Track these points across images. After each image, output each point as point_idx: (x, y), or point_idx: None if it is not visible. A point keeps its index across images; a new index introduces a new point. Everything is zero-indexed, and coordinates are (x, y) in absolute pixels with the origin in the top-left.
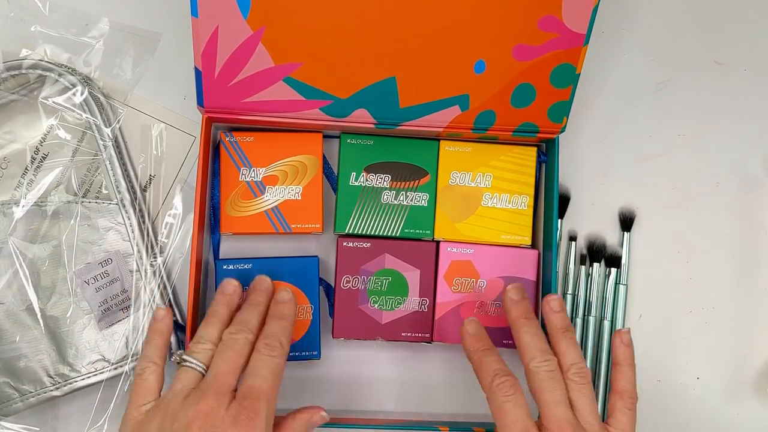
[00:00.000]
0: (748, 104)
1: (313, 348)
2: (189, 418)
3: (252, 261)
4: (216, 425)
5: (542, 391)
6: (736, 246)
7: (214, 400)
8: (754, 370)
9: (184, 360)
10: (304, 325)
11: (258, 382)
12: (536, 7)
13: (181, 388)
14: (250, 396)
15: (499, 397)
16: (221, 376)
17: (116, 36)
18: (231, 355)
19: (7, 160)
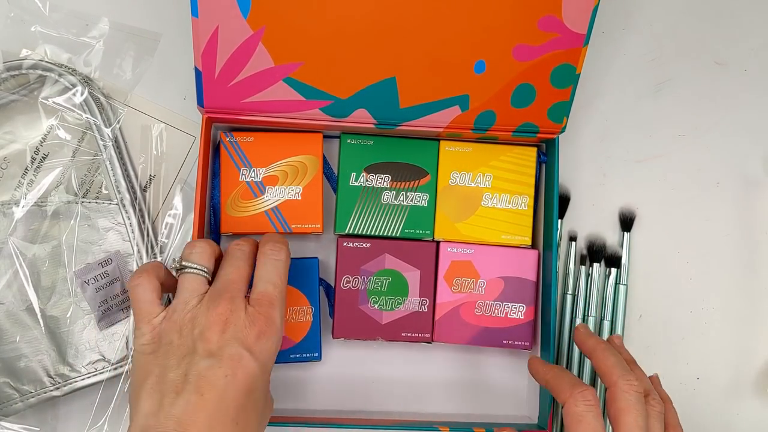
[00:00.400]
0: (748, 104)
1: (313, 349)
2: (210, 321)
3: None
4: (239, 329)
5: (627, 413)
6: (736, 246)
7: (232, 304)
8: (755, 369)
9: (184, 267)
10: (305, 327)
11: (270, 288)
12: (536, 7)
13: (189, 296)
14: (265, 302)
15: (580, 406)
16: (233, 282)
17: (116, 36)
18: (240, 264)
19: (7, 161)
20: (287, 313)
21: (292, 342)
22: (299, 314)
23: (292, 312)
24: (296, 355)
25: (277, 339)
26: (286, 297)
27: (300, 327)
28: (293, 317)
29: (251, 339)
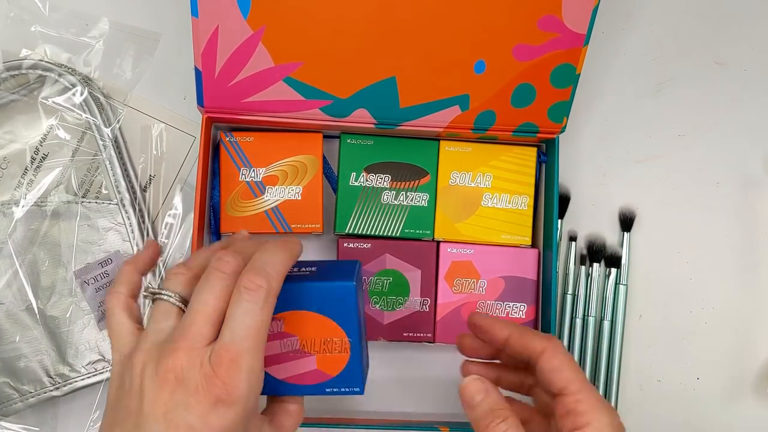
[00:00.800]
0: (748, 104)
1: (353, 382)
2: (159, 378)
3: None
4: (190, 392)
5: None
6: (736, 246)
7: (187, 357)
8: (754, 370)
9: (156, 293)
10: (341, 361)
11: (237, 340)
12: (536, 7)
13: (156, 330)
14: (226, 361)
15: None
16: (197, 323)
17: (116, 36)
18: (212, 294)
19: (7, 160)
20: (318, 345)
21: (327, 376)
22: (333, 347)
23: (323, 344)
24: (333, 389)
25: (243, 408)
26: (262, 347)
27: (335, 361)
28: (325, 350)
29: (204, 408)
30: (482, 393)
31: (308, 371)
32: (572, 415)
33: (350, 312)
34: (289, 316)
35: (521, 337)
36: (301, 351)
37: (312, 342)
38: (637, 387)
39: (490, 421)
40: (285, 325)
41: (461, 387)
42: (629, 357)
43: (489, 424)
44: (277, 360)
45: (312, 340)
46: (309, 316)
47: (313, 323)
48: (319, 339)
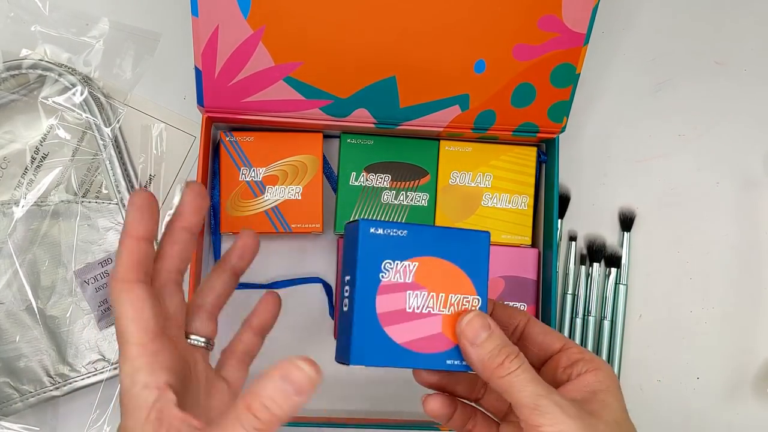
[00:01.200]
0: (748, 104)
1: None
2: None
3: (407, 227)
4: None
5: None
6: (736, 246)
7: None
8: (754, 370)
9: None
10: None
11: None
12: (536, 6)
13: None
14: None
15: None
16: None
17: (116, 36)
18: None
19: (7, 160)
20: (447, 302)
21: (449, 343)
22: (461, 305)
23: (452, 301)
24: (455, 361)
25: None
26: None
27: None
28: (453, 308)
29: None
30: (487, 329)
31: (431, 335)
32: (581, 362)
33: (482, 266)
34: (424, 262)
35: (505, 309)
36: (428, 308)
37: (442, 297)
38: (637, 387)
39: (503, 358)
40: (417, 272)
41: (461, 327)
42: (629, 357)
43: (502, 361)
44: (399, 318)
45: (442, 296)
46: (444, 265)
47: (446, 274)
48: (449, 293)
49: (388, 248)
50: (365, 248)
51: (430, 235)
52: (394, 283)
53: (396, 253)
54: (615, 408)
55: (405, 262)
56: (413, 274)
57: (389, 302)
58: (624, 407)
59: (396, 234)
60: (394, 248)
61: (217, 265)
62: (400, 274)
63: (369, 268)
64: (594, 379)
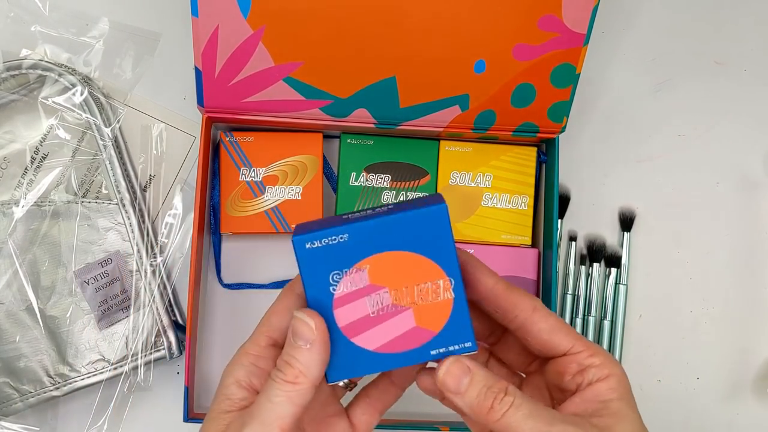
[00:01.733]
0: (748, 104)
1: (464, 337)
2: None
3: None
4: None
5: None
6: (736, 246)
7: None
8: (754, 370)
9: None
10: (444, 309)
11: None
12: (536, 6)
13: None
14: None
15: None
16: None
17: (116, 36)
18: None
19: (7, 160)
20: (414, 293)
21: (429, 333)
22: (433, 292)
23: (420, 291)
24: (439, 350)
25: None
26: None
27: (437, 311)
28: (423, 298)
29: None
30: (467, 374)
31: (406, 332)
32: (592, 370)
33: (446, 242)
34: (375, 261)
35: (509, 293)
36: (394, 306)
37: (406, 290)
38: (637, 387)
39: (491, 400)
40: (370, 274)
41: (440, 378)
42: (629, 357)
43: (491, 404)
44: (365, 325)
45: (406, 288)
46: (400, 257)
47: (405, 265)
48: (414, 285)
49: (332, 258)
50: (307, 266)
51: (375, 230)
52: (349, 293)
53: (342, 261)
54: (630, 419)
55: (354, 268)
56: (367, 277)
57: (349, 313)
58: (638, 416)
59: (336, 241)
60: (339, 257)
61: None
62: (352, 281)
63: (316, 285)
64: (606, 387)
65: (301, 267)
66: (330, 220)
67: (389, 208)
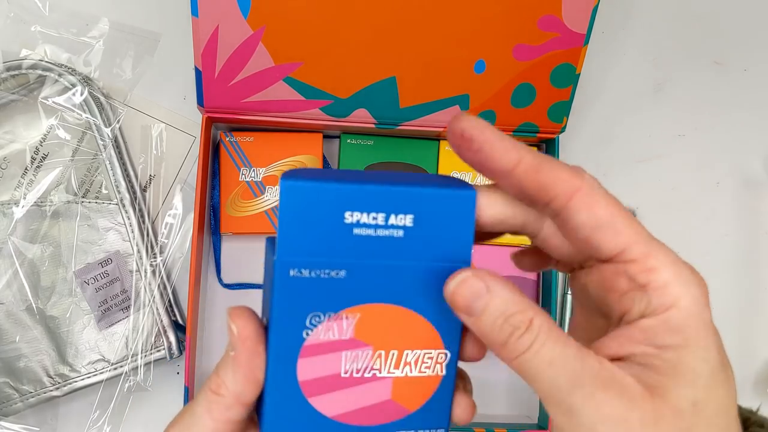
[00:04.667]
0: (748, 104)
1: (438, 422)
2: None
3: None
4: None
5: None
6: (736, 246)
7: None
8: (754, 370)
9: None
10: (429, 388)
11: None
12: (536, 6)
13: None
14: None
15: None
16: None
17: (116, 36)
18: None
19: (7, 160)
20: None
21: (402, 411)
22: (422, 364)
23: (409, 360)
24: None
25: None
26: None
27: (420, 387)
28: (409, 369)
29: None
30: (483, 295)
31: (376, 404)
32: (649, 291)
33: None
34: (368, 311)
35: (538, 170)
36: (373, 370)
37: (393, 355)
38: None
39: (506, 334)
40: (358, 326)
41: (450, 293)
42: None
43: (507, 339)
44: (331, 385)
45: (394, 354)
46: (397, 312)
47: (400, 323)
48: (404, 349)
49: (318, 296)
50: (283, 297)
51: (381, 273)
52: (324, 342)
53: (328, 302)
54: (694, 377)
55: (342, 314)
56: (352, 328)
57: (316, 367)
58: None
59: (329, 276)
60: (327, 295)
61: None
62: (333, 330)
63: (288, 322)
64: (664, 326)
65: (275, 296)
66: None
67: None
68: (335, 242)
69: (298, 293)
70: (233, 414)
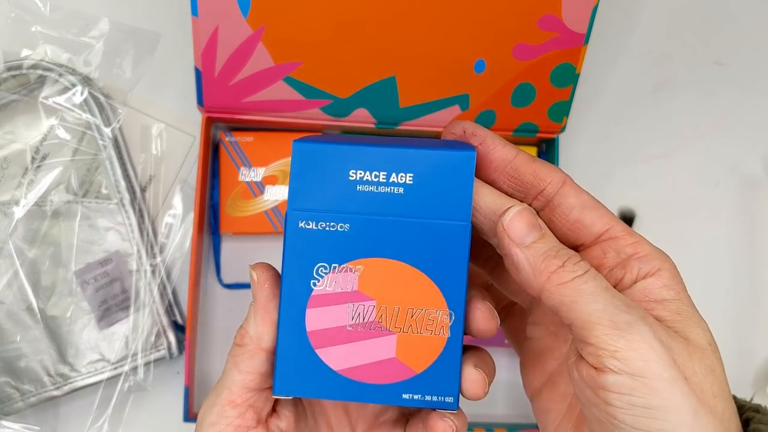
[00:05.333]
0: (748, 104)
1: (447, 389)
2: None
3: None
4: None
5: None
6: (735, 246)
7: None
8: (754, 370)
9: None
10: (434, 348)
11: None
12: (536, 6)
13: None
14: None
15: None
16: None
17: (116, 36)
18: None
19: (8, 161)
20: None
21: (407, 371)
22: (425, 322)
23: (411, 316)
24: (413, 395)
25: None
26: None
27: (424, 347)
28: (412, 327)
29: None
30: (537, 230)
31: (381, 361)
32: (635, 260)
33: (458, 265)
34: (371, 265)
35: (534, 161)
36: (377, 325)
37: (396, 311)
38: None
39: (563, 260)
40: (361, 279)
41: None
42: None
43: (564, 263)
44: (337, 338)
45: (397, 308)
46: (400, 269)
47: (403, 280)
48: (407, 306)
49: (324, 247)
50: (293, 247)
51: (382, 227)
52: (330, 294)
53: (334, 254)
54: (700, 321)
55: (346, 266)
56: (356, 280)
57: (323, 317)
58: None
59: (335, 228)
60: (332, 247)
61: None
62: (338, 281)
63: (297, 272)
64: (659, 284)
65: (287, 246)
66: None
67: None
68: (341, 198)
69: (307, 244)
70: (257, 363)
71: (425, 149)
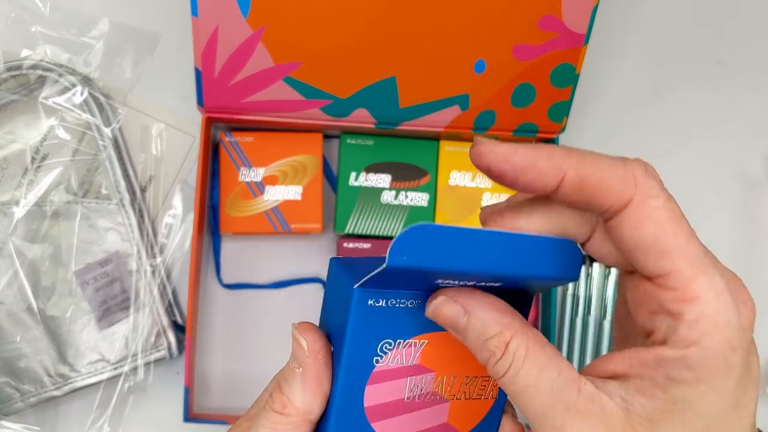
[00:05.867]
0: (748, 104)
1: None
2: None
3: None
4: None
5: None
6: (736, 246)
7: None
8: None
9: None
10: (481, 410)
11: None
12: (536, 7)
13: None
14: None
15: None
16: None
17: (116, 36)
18: None
19: (8, 161)
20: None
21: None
22: (477, 388)
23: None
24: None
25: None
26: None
27: (473, 410)
28: (465, 394)
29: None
30: (461, 317)
31: (433, 427)
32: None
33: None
34: (434, 339)
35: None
36: (434, 395)
37: (453, 380)
38: None
39: (486, 359)
40: (424, 353)
41: (430, 315)
42: None
43: (486, 362)
44: (394, 410)
45: (454, 378)
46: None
47: (460, 350)
48: (464, 375)
49: (390, 323)
50: (358, 325)
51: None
52: (393, 369)
53: (399, 329)
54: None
55: (410, 341)
56: (419, 354)
57: (383, 393)
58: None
59: (402, 305)
60: (400, 323)
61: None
62: (401, 356)
63: (361, 349)
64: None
65: (351, 324)
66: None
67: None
68: (417, 284)
69: (374, 322)
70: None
71: (529, 271)
